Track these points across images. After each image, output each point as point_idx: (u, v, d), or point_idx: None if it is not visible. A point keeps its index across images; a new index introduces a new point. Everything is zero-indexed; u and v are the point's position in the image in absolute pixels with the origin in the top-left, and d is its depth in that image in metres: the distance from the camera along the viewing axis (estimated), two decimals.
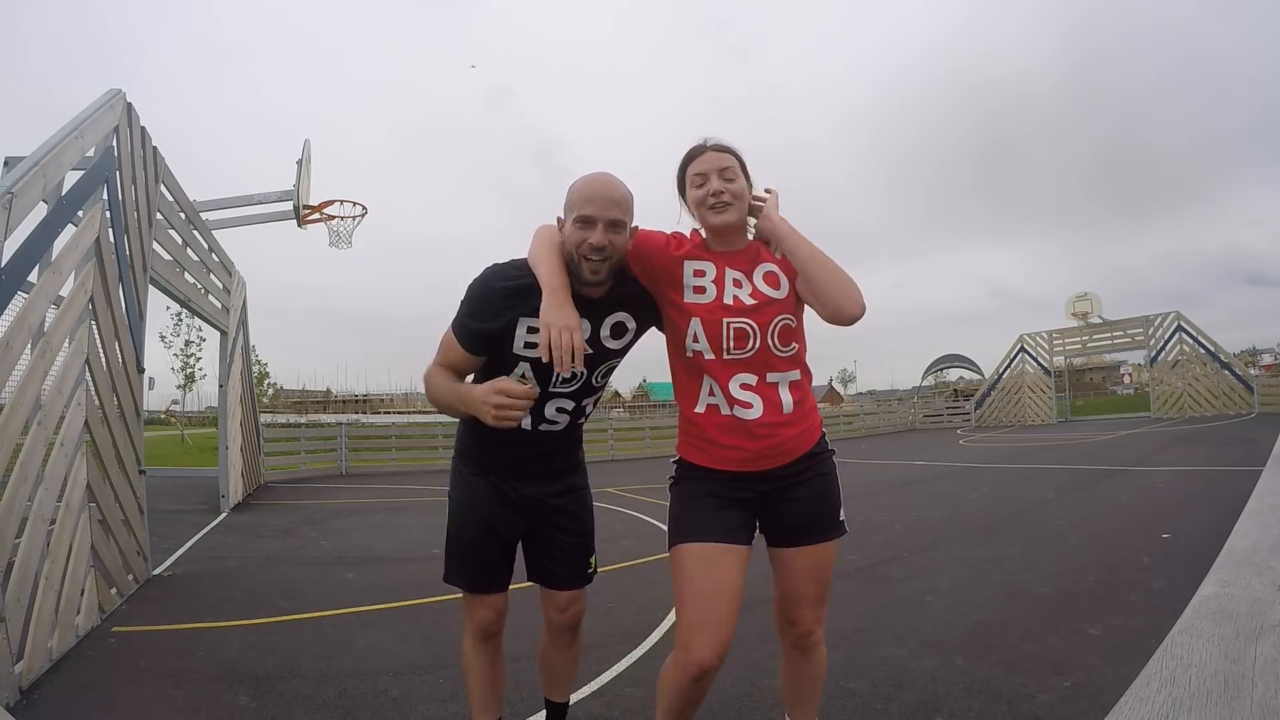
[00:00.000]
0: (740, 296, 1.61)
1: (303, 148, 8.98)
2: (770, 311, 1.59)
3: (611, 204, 1.55)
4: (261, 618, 3.50)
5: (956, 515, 6.02)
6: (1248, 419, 16.82)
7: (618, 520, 6.59)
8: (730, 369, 1.59)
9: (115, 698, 2.59)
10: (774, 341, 1.59)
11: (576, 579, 1.84)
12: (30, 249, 2.85)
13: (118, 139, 3.76)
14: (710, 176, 1.62)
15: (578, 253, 1.55)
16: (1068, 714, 2.12)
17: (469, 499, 1.78)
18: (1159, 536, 4.41)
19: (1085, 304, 24.47)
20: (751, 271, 1.64)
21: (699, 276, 1.64)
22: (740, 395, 1.59)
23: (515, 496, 1.77)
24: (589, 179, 1.59)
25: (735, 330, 1.58)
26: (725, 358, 1.59)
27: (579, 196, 1.56)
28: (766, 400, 1.59)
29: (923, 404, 28.69)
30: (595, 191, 1.55)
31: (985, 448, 13.85)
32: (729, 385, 1.59)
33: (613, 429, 17.44)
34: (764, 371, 1.59)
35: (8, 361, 2.58)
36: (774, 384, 1.60)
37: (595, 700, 2.42)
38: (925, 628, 3.03)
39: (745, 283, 1.62)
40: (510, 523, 1.78)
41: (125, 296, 3.92)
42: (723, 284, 1.62)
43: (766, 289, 1.62)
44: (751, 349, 1.58)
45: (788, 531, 1.64)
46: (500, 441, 1.70)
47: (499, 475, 1.76)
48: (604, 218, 1.54)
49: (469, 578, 1.77)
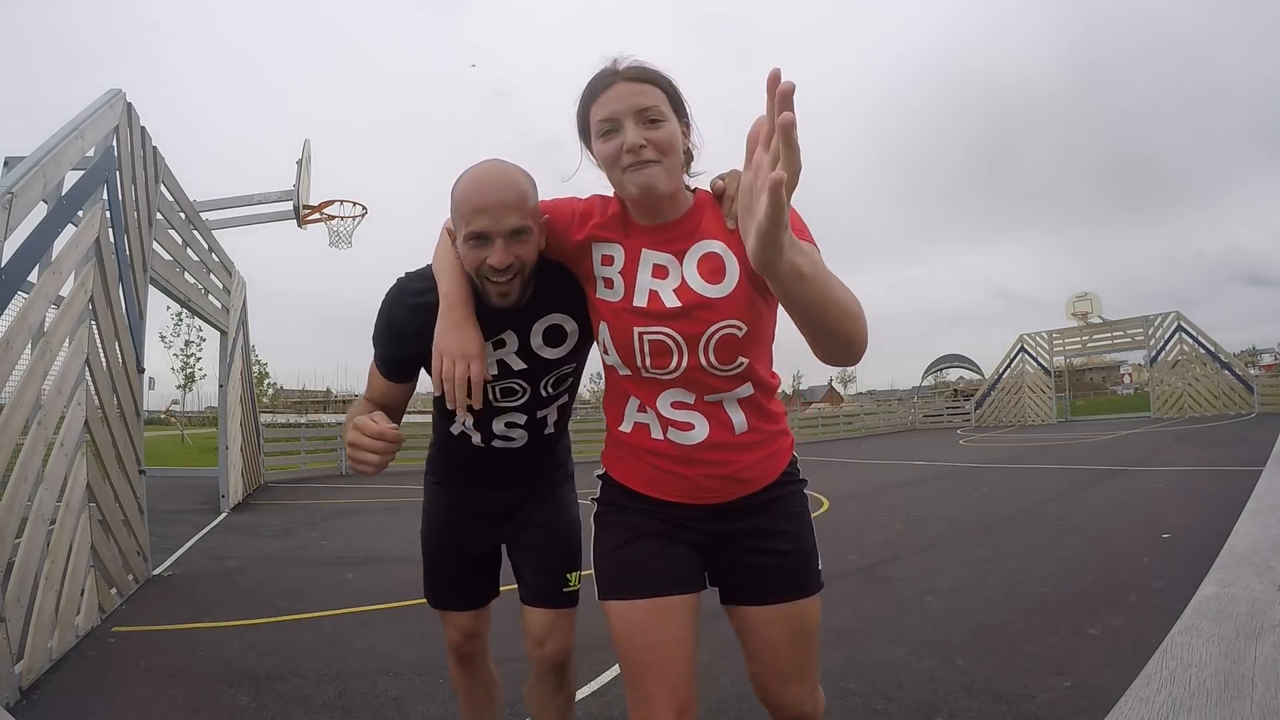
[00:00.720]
0: (659, 293, 1.16)
1: (303, 148, 8.99)
2: (703, 318, 1.13)
3: (507, 209, 1.16)
4: (261, 618, 3.49)
5: (956, 515, 6.02)
6: (1248, 419, 16.81)
7: None
8: (655, 387, 1.20)
9: (115, 698, 2.59)
10: (709, 359, 1.15)
11: (548, 596, 1.55)
12: (30, 249, 2.85)
13: (118, 139, 3.76)
14: (623, 122, 1.10)
15: (478, 275, 1.20)
16: (1068, 714, 2.11)
17: (430, 511, 1.65)
18: (1159, 536, 4.41)
19: (1085, 304, 24.48)
20: (683, 254, 1.16)
21: (606, 265, 1.21)
22: (674, 415, 1.20)
23: (479, 509, 1.58)
24: (472, 179, 1.19)
25: (651, 343, 1.16)
26: (644, 375, 1.19)
27: (465, 206, 1.17)
28: (712, 418, 1.19)
29: (923, 404, 28.69)
30: (484, 198, 1.16)
31: (985, 448, 13.84)
32: (657, 403, 1.21)
33: None
34: (700, 392, 1.19)
35: (8, 361, 2.58)
36: (717, 402, 1.20)
37: (595, 700, 2.42)
38: (925, 628, 3.02)
39: (671, 271, 1.16)
40: (473, 537, 1.60)
41: (125, 296, 3.92)
42: (633, 275, 1.18)
43: (700, 284, 1.14)
44: (675, 368, 1.16)
45: (752, 586, 1.24)
46: (455, 455, 1.55)
47: (461, 486, 1.59)
48: (501, 229, 1.16)
49: (432, 594, 1.65)
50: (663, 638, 1.18)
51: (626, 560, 1.24)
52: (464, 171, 1.23)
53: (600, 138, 1.14)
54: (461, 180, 1.21)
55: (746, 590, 1.25)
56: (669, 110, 1.13)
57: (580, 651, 2.76)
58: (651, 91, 1.12)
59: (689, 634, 1.20)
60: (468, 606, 1.63)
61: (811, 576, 1.26)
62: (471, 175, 1.21)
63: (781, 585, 1.23)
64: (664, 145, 1.11)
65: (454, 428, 1.50)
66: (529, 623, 1.54)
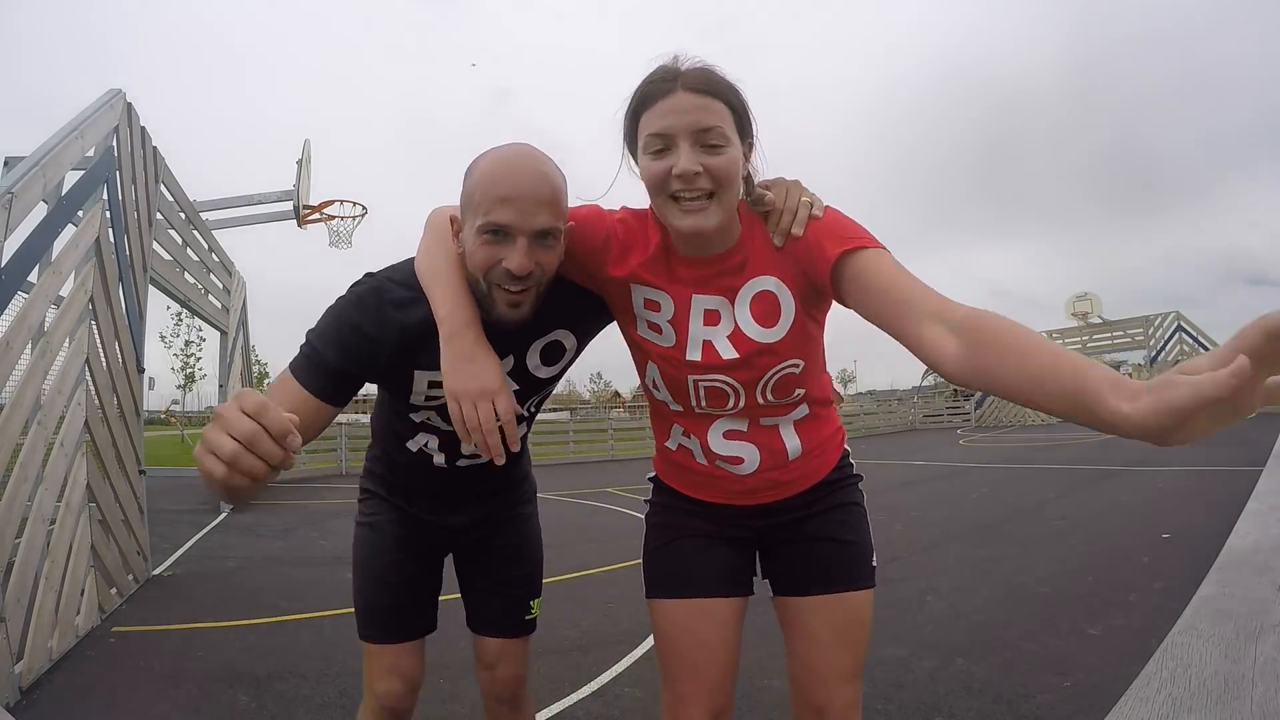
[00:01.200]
0: (714, 343, 1.06)
1: (303, 148, 8.99)
2: (762, 364, 1.06)
3: (538, 204, 0.97)
4: (261, 618, 3.50)
5: (956, 515, 6.03)
6: (1248, 419, 16.80)
7: (617, 520, 6.59)
8: (707, 420, 1.14)
9: (115, 698, 2.59)
10: (767, 397, 1.10)
11: (510, 625, 1.41)
12: (30, 249, 2.85)
13: (118, 139, 3.76)
14: (678, 141, 0.95)
15: (486, 279, 1.00)
16: (1068, 714, 2.12)
17: (371, 530, 1.40)
18: (1159, 536, 4.41)
19: (1085, 304, 24.50)
20: (734, 294, 1.05)
21: (652, 310, 1.09)
22: (723, 449, 1.14)
23: (431, 524, 1.39)
24: (500, 161, 0.99)
25: (707, 389, 1.10)
26: (697, 412, 1.14)
27: (487, 192, 0.97)
28: (764, 447, 1.14)
29: (923, 404, 28.68)
30: (513, 186, 0.96)
31: (985, 448, 13.85)
32: (707, 437, 1.14)
33: (613, 429, 17.44)
34: (756, 418, 1.13)
35: (8, 361, 2.58)
36: (772, 426, 1.14)
37: (595, 700, 2.42)
38: (925, 628, 3.03)
39: (723, 316, 1.06)
40: (424, 558, 1.41)
41: (125, 296, 3.92)
42: (685, 324, 1.07)
43: (755, 329, 1.05)
44: (734, 407, 1.11)
45: (800, 578, 1.19)
46: (410, 471, 1.34)
47: (410, 499, 1.38)
48: (527, 228, 0.97)
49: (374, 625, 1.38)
50: (704, 638, 1.16)
51: (672, 559, 1.23)
52: (487, 151, 1.03)
53: (649, 153, 0.98)
54: (484, 160, 1.01)
55: (791, 581, 1.21)
56: (733, 131, 0.98)
57: (580, 651, 2.78)
58: (716, 108, 0.96)
59: (731, 637, 1.17)
60: (419, 631, 1.39)
61: (859, 570, 1.18)
62: (499, 156, 1.00)
63: (825, 576, 1.17)
64: (722, 176, 0.96)
65: (411, 443, 1.28)
66: (481, 649, 1.41)
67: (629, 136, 1.04)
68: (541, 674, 2.64)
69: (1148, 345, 22.35)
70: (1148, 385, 0.63)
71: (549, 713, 2.33)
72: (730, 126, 0.97)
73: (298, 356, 1.06)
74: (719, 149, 0.95)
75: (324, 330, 1.07)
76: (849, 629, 1.16)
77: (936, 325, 0.85)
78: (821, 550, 1.18)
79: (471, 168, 1.03)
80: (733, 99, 0.99)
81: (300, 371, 1.04)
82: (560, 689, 2.50)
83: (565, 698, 2.43)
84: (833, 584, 1.16)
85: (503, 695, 1.41)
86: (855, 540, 1.20)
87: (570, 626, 3.19)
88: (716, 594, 1.18)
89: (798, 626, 1.18)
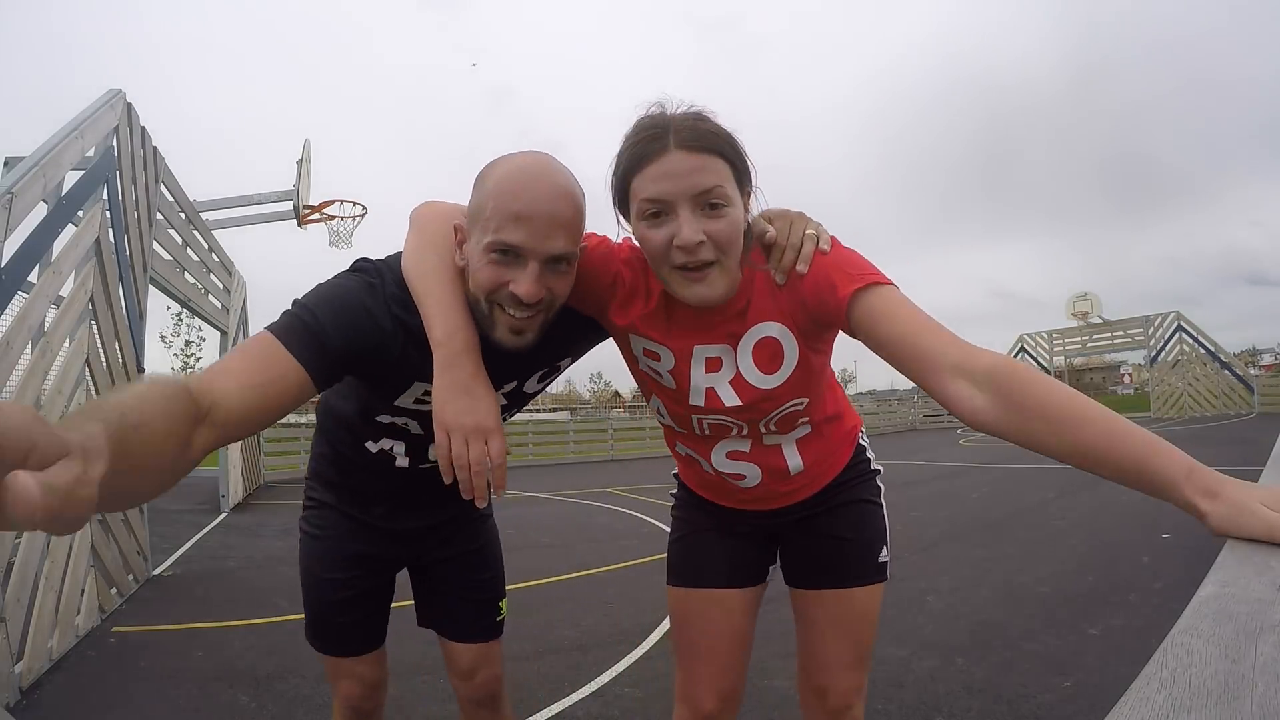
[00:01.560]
0: (716, 389, 1.04)
1: (303, 148, 8.98)
2: (765, 408, 1.05)
3: (556, 226, 0.89)
4: (261, 618, 3.49)
5: (956, 515, 6.02)
6: (1248, 419, 16.81)
7: (618, 520, 6.58)
8: (711, 441, 1.14)
9: (115, 698, 2.59)
10: (770, 428, 1.10)
11: (481, 630, 1.37)
12: (30, 249, 2.85)
13: (118, 139, 3.76)
14: (677, 208, 0.89)
15: (488, 299, 0.92)
16: (1068, 714, 2.12)
17: (319, 537, 1.32)
18: (1159, 536, 4.41)
19: (1085, 304, 24.49)
20: (737, 343, 1.02)
21: (652, 359, 1.06)
22: (726, 467, 1.15)
23: (388, 529, 1.30)
24: (518, 174, 0.90)
25: (711, 425, 1.10)
26: (700, 435, 1.14)
27: (502, 208, 0.88)
28: (766, 466, 1.13)
29: (923, 404, 28.67)
30: (531, 203, 0.88)
31: (985, 448, 13.84)
32: (710, 456, 1.15)
33: (613, 429, 17.44)
34: (759, 438, 1.12)
35: (8, 361, 2.58)
36: (775, 446, 1.13)
37: (595, 700, 2.42)
38: (925, 628, 3.03)
39: (725, 363, 1.03)
40: (382, 564, 1.34)
41: (125, 296, 3.92)
42: (686, 374, 1.05)
43: (757, 376, 1.02)
44: (737, 435, 1.12)
45: (805, 571, 1.24)
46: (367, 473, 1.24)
47: (364, 505, 1.29)
48: (541, 252, 0.89)
49: (329, 639, 1.33)
50: (715, 627, 1.22)
51: (689, 550, 1.28)
52: (502, 158, 0.94)
53: (644, 219, 0.91)
54: (499, 170, 0.91)
55: (798, 573, 1.25)
56: (733, 188, 0.91)
57: (580, 651, 2.78)
58: (714, 167, 0.89)
59: (742, 626, 1.24)
60: (373, 646, 1.34)
61: (863, 567, 1.20)
62: (516, 167, 0.91)
63: (830, 572, 1.21)
64: (726, 241, 0.90)
65: (371, 445, 1.19)
66: (455, 657, 1.36)
67: (619, 198, 0.97)
68: (541, 674, 2.64)
69: (1148, 345, 22.34)
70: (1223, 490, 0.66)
71: (549, 712, 2.33)
72: (730, 183, 0.91)
73: (286, 320, 0.90)
74: (720, 210, 0.89)
75: (327, 303, 0.92)
76: (852, 622, 1.20)
77: (960, 380, 0.83)
78: (828, 546, 1.21)
79: (484, 176, 0.93)
80: (729, 152, 0.91)
81: (290, 336, 0.87)
82: (560, 689, 2.50)
83: (565, 698, 2.43)
84: (836, 580, 1.20)
85: (484, 698, 1.38)
86: (861, 537, 1.21)
87: (570, 626, 3.19)
88: (726, 585, 1.23)
89: (804, 615, 1.24)
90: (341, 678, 1.33)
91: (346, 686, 1.33)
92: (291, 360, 0.85)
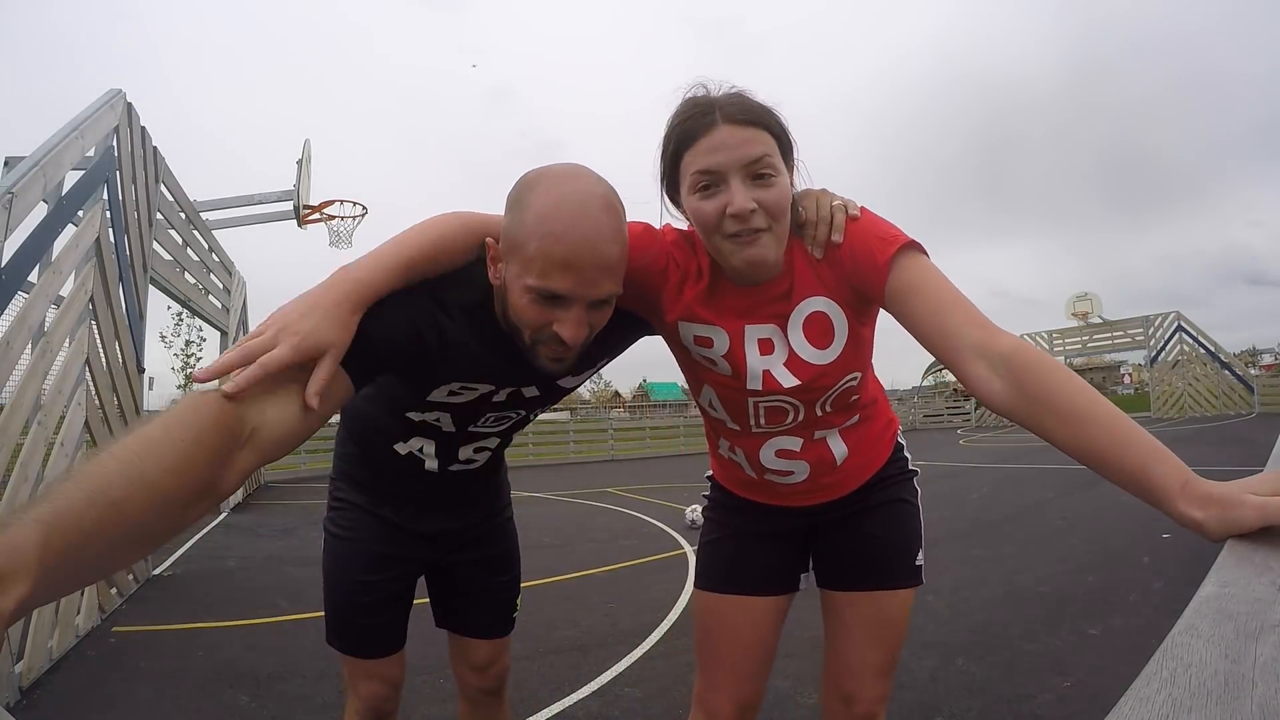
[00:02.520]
0: (773, 372, 1.04)
1: (303, 148, 8.99)
2: (822, 385, 1.05)
3: (603, 272, 0.87)
4: (261, 618, 3.49)
5: (956, 515, 6.02)
6: (1248, 419, 16.81)
7: (618, 520, 6.58)
8: (762, 439, 1.13)
9: (115, 698, 2.59)
10: (826, 409, 1.09)
11: (499, 627, 1.42)
12: (30, 249, 2.85)
13: (118, 139, 3.76)
14: (729, 178, 0.91)
15: (532, 335, 0.91)
16: (1068, 714, 2.12)
17: (348, 539, 1.31)
18: (1159, 536, 4.41)
19: (1085, 304, 24.49)
20: (786, 322, 1.03)
21: (703, 346, 1.06)
22: (775, 464, 1.15)
23: (417, 530, 1.32)
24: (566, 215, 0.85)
25: (767, 409, 1.09)
26: (755, 431, 1.13)
27: (546, 250, 0.84)
28: (814, 462, 1.14)
29: (923, 404, 28.68)
30: (576, 247, 0.84)
31: (985, 448, 13.84)
32: (759, 454, 1.14)
33: (613, 429, 17.44)
34: (811, 432, 1.12)
35: (8, 361, 2.58)
36: (822, 439, 1.13)
37: (595, 700, 2.42)
38: (925, 628, 3.02)
39: (777, 344, 1.04)
40: (409, 566, 1.34)
41: (125, 296, 3.92)
42: (741, 357, 1.04)
43: (811, 352, 1.03)
44: (793, 422, 1.10)
45: (840, 571, 1.22)
46: (396, 475, 1.26)
47: (395, 506, 1.30)
48: (587, 297, 0.87)
49: (358, 641, 1.31)
50: (740, 635, 1.20)
51: (720, 554, 1.26)
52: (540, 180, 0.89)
53: (696, 192, 0.94)
54: (540, 200, 0.86)
55: (832, 574, 1.23)
56: (779, 160, 0.94)
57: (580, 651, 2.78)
58: (762, 138, 0.93)
59: (767, 635, 1.22)
60: (398, 646, 1.35)
61: (898, 570, 1.19)
62: (559, 201, 0.86)
63: (864, 573, 1.19)
64: (776, 209, 0.93)
65: (402, 445, 1.20)
66: (471, 651, 1.39)
67: (668, 178, 1.00)
68: (541, 674, 2.65)
69: (1148, 345, 22.34)
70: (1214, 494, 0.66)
71: (549, 712, 2.33)
72: (776, 154, 0.94)
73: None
74: (769, 180, 0.92)
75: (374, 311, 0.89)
76: (883, 626, 1.18)
77: (980, 362, 0.85)
78: (863, 547, 1.19)
79: (521, 200, 0.88)
80: (774, 125, 0.95)
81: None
82: (560, 689, 2.50)
83: (565, 697, 2.43)
84: (870, 582, 1.18)
85: (494, 688, 1.43)
86: (899, 538, 1.20)
87: (570, 626, 3.19)
88: (755, 592, 1.21)
89: (834, 618, 1.22)
90: (364, 679, 1.31)
91: (370, 688, 1.31)
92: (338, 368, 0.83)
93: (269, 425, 0.73)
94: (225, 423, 0.68)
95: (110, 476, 0.55)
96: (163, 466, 0.60)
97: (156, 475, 0.59)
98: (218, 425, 0.67)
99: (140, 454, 0.59)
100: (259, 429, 0.72)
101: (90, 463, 0.58)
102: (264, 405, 0.74)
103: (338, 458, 1.36)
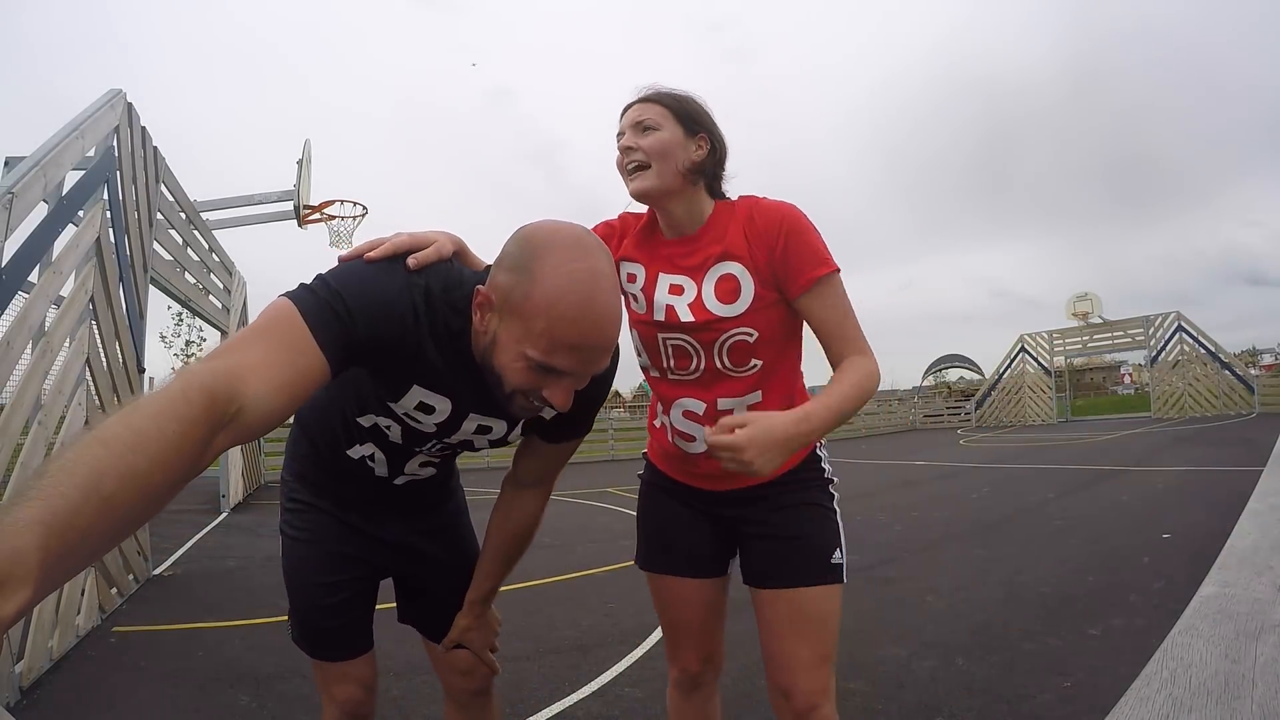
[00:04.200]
0: (676, 308, 1.21)
1: (303, 148, 8.98)
2: (718, 328, 1.20)
3: (604, 354, 0.91)
4: (261, 618, 3.49)
5: (956, 515, 6.02)
6: (1248, 419, 16.80)
7: (618, 520, 6.58)
8: (675, 390, 1.28)
9: (115, 698, 2.59)
10: (723, 361, 1.22)
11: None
12: (30, 249, 2.85)
13: (118, 139, 3.76)
14: (627, 131, 1.22)
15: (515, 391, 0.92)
16: (1068, 714, 2.12)
17: (304, 540, 1.29)
18: (1159, 536, 4.41)
19: (1086, 304, 24.46)
20: (701, 274, 1.21)
21: (630, 283, 1.27)
22: (682, 425, 1.28)
23: (373, 534, 1.30)
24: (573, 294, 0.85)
25: (674, 347, 1.24)
26: (670, 377, 1.27)
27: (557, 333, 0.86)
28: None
29: (923, 404, 28.68)
30: (586, 333, 0.87)
31: (985, 448, 13.84)
32: (672, 411, 1.29)
33: (613, 429, 17.43)
34: (714, 396, 1.24)
35: (8, 361, 2.58)
36: (727, 410, 1.23)
37: (595, 700, 2.42)
38: (925, 628, 3.03)
39: (687, 290, 1.22)
40: (369, 564, 1.31)
41: (125, 296, 3.92)
42: (652, 294, 1.23)
43: (715, 304, 1.20)
44: (696, 369, 1.24)
45: (760, 568, 1.29)
46: (346, 476, 1.25)
47: (349, 507, 1.28)
48: (589, 374, 0.93)
49: (321, 644, 1.29)
50: (686, 608, 1.38)
51: (654, 535, 1.42)
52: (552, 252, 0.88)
53: (617, 149, 1.24)
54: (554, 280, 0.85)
55: (751, 573, 1.31)
56: (667, 121, 1.21)
57: (580, 651, 2.78)
58: (654, 108, 1.22)
59: (714, 603, 1.38)
60: (368, 645, 1.33)
61: (813, 568, 1.25)
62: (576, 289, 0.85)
63: (778, 572, 1.26)
64: (652, 150, 1.19)
65: (353, 450, 1.19)
66: (452, 657, 1.36)
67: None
68: (541, 674, 2.65)
69: (1148, 345, 22.32)
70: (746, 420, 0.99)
71: (549, 712, 2.33)
72: (666, 118, 1.20)
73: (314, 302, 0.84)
74: (649, 132, 1.20)
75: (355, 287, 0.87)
76: (806, 623, 1.24)
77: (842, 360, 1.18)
78: (779, 546, 1.27)
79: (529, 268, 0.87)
80: (669, 101, 1.22)
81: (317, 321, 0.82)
82: (560, 689, 2.50)
83: (565, 698, 2.43)
84: (785, 580, 1.25)
85: (482, 688, 1.42)
86: (812, 537, 1.26)
87: (570, 626, 3.18)
88: (689, 574, 1.36)
89: (760, 616, 1.29)
90: (337, 682, 1.29)
91: (344, 690, 1.29)
92: (317, 351, 0.81)
93: (250, 409, 0.72)
94: (215, 410, 0.67)
95: (102, 470, 0.54)
96: (153, 461, 0.59)
97: (148, 470, 0.58)
98: (207, 415, 0.66)
99: (132, 447, 0.58)
100: (242, 411, 0.72)
101: (80, 449, 0.56)
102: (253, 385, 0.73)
103: (291, 458, 1.34)
